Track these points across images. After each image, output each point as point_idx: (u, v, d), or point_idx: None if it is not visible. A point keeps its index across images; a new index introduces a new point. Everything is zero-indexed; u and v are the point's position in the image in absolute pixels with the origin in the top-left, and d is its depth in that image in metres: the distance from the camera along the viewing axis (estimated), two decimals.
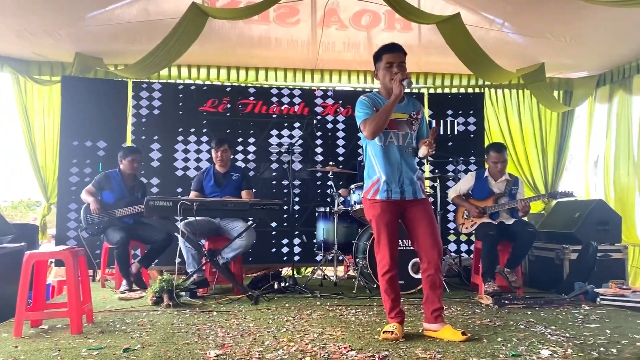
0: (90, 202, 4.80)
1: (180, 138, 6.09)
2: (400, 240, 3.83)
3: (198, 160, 6.10)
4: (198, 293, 4.38)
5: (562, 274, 4.96)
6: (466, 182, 4.89)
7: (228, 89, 6.31)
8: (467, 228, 4.79)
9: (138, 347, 2.75)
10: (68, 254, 3.21)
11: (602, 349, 2.66)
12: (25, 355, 2.61)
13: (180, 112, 6.11)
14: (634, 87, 6.23)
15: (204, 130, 6.14)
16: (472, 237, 5.17)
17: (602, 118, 6.79)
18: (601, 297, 4.15)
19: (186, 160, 6.08)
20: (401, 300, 3.14)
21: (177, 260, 4.19)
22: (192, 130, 6.11)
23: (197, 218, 4.35)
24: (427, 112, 6.46)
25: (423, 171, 5.99)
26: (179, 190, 5.92)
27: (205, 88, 6.28)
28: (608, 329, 3.19)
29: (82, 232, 4.91)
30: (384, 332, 2.94)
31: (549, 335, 2.99)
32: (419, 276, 4.54)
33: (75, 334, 3.07)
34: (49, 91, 6.07)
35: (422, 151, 3.05)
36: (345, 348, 2.68)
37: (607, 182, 6.54)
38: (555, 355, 2.51)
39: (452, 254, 6.11)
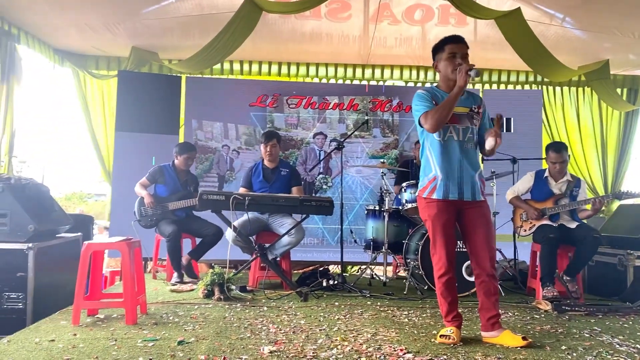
0: (144, 196, 4.88)
1: (232, 133, 6.15)
2: None
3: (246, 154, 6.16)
4: (247, 287, 4.39)
5: (626, 281, 4.70)
6: (525, 182, 4.68)
7: (278, 85, 6.31)
8: (525, 230, 4.59)
9: (192, 340, 2.75)
10: (124, 245, 3.25)
11: None
12: (84, 343, 2.65)
13: (231, 107, 6.17)
14: None
15: (254, 126, 6.17)
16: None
17: None
18: None
19: (235, 156, 6.15)
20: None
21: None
22: (241, 125, 6.16)
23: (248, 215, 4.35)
24: None
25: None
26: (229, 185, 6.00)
27: (255, 84, 6.31)
28: None
29: (134, 224, 4.99)
30: (440, 336, 2.84)
31: (617, 346, 2.81)
32: (472, 278, 4.40)
33: (130, 325, 3.10)
34: (107, 85, 6.22)
35: (489, 142, 2.86)
36: (401, 350, 2.59)
37: None
38: None
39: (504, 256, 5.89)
